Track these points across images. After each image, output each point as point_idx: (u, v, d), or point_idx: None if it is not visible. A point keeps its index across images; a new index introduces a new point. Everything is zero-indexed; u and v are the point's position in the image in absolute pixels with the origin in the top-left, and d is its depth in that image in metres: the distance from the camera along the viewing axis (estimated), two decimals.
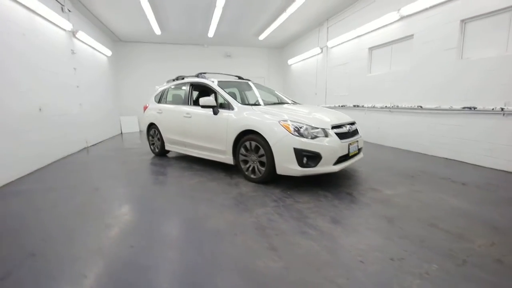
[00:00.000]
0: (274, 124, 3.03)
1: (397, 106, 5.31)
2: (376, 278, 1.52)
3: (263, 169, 3.18)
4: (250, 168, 3.36)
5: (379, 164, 4.15)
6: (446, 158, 4.38)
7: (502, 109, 3.53)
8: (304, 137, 2.88)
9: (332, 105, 7.54)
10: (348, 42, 6.83)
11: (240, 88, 4.60)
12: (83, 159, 5.07)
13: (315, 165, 2.89)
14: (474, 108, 3.88)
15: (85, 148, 6.24)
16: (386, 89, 5.68)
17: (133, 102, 10.25)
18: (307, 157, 2.86)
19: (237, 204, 2.67)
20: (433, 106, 4.54)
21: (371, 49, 6.11)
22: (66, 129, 5.37)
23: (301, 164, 2.86)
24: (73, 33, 5.93)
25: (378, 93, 5.89)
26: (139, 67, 10.27)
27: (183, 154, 5.27)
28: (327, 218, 2.31)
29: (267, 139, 3.05)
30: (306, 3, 6.33)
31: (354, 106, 6.67)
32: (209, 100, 3.70)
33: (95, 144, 6.90)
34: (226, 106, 3.72)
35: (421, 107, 4.77)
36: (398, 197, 2.77)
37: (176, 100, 4.89)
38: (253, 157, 3.31)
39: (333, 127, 3.08)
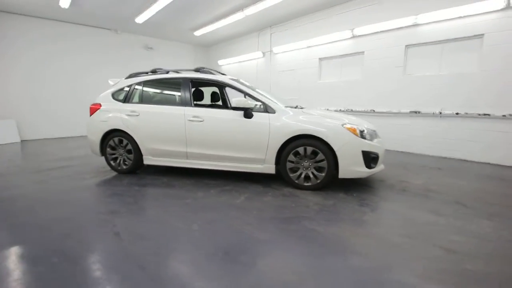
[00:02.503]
0: (338, 128, 2.94)
1: (351, 110, 6.29)
2: None
3: (322, 175, 3.02)
4: (303, 176, 3.10)
5: None
6: (398, 151, 5.62)
7: (440, 113, 4.94)
8: (368, 140, 2.97)
9: None
10: (298, 50, 7.40)
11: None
12: None
13: (375, 166, 3.04)
14: (419, 112, 5.21)
15: None
16: (337, 95, 6.59)
17: (7, 99, 6.93)
18: (372, 159, 2.97)
19: (345, 219, 2.42)
20: (384, 110, 5.71)
21: (321, 59, 6.91)
22: None
23: (368, 166, 2.94)
24: None
25: (330, 98, 6.74)
26: (17, 49, 7.04)
27: (162, 167, 4.11)
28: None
29: (330, 144, 2.92)
30: (263, 11, 6.41)
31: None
32: (243, 101, 3.11)
33: None
34: (260, 108, 3.26)
35: (373, 110, 5.88)
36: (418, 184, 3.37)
37: (163, 100, 3.78)
38: (306, 163, 3.07)
39: None
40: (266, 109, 3.21)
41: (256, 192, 3.07)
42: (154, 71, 3.86)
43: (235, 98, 3.14)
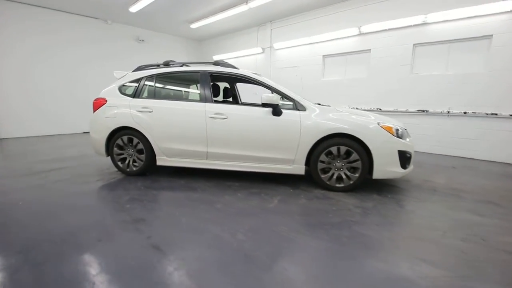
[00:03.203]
0: (375, 126, 2.83)
1: (356, 108, 6.27)
2: None
3: (356, 175, 2.90)
4: (335, 177, 2.96)
5: None
6: None
7: (448, 112, 5.02)
8: (402, 139, 2.89)
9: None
10: (300, 47, 7.27)
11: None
12: None
13: (409, 166, 2.97)
14: (427, 111, 5.27)
15: None
16: (342, 93, 6.54)
17: None
18: (407, 159, 2.89)
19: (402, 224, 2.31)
20: (391, 109, 5.73)
21: (325, 56, 6.82)
22: None
23: (403, 166, 2.86)
24: None
25: (334, 96, 6.68)
26: None
27: (173, 168, 3.81)
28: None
29: (366, 143, 2.80)
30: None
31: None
32: (274, 98, 2.91)
33: None
34: (289, 105, 3.08)
35: (380, 109, 5.89)
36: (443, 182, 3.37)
37: (178, 95, 3.50)
38: (338, 163, 2.94)
39: None
40: (296, 106, 3.04)
41: (287, 195, 2.89)
42: (166, 64, 3.54)
43: (264, 94, 2.93)
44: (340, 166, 2.94)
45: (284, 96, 3.09)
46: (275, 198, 2.80)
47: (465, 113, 4.86)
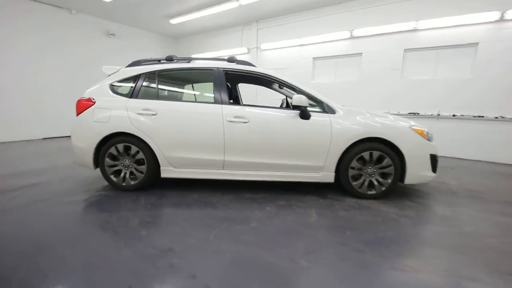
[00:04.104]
0: (407, 130, 2.72)
1: None
2: None
3: (388, 181, 2.75)
4: (366, 183, 2.79)
5: None
6: None
7: (438, 114, 5.25)
8: (431, 142, 2.83)
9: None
10: (289, 48, 7.12)
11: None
12: None
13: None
14: (418, 113, 5.47)
15: None
16: (332, 96, 6.50)
17: None
18: (437, 162, 2.83)
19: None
20: (383, 111, 5.85)
21: (315, 58, 6.77)
22: None
23: (433, 169, 2.79)
24: None
25: None
26: None
27: (172, 180, 3.30)
28: None
29: (400, 147, 2.68)
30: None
31: None
32: (304, 99, 2.63)
33: None
34: (316, 108, 2.84)
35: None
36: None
37: (186, 96, 3.03)
38: (370, 169, 2.77)
39: None
40: (324, 108, 2.80)
41: (320, 206, 2.63)
42: (169, 59, 3.05)
43: (296, 96, 2.64)
44: (371, 172, 2.78)
45: (311, 97, 2.83)
46: (310, 210, 2.52)
47: (454, 115, 5.13)
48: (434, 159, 2.77)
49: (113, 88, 2.95)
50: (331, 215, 2.44)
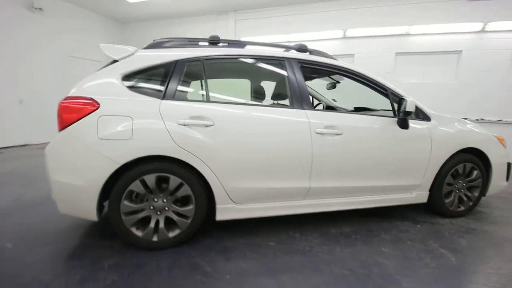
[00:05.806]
0: (493, 138, 2.51)
1: None
2: None
3: (475, 195, 2.49)
4: (456, 200, 2.45)
5: None
6: None
7: None
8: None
9: None
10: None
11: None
12: None
13: None
14: None
15: None
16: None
17: None
18: (510, 170, 2.71)
19: None
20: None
21: None
22: None
23: (508, 178, 2.66)
24: None
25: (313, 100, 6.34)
26: None
27: None
28: None
29: (490, 157, 2.44)
30: None
31: None
32: (413, 105, 2.10)
33: None
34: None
35: None
36: None
37: (245, 96, 2.07)
38: (460, 184, 2.45)
39: None
40: (418, 115, 2.34)
41: (428, 234, 2.16)
42: (215, 41, 2.04)
43: (410, 100, 2.08)
44: (461, 187, 2.46)
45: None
46: (407, 244, 1.99)
47: None
48: (509, 167, 2.65)
49: (129, 81, 1.80)
50: (449, 246, 1.97)
